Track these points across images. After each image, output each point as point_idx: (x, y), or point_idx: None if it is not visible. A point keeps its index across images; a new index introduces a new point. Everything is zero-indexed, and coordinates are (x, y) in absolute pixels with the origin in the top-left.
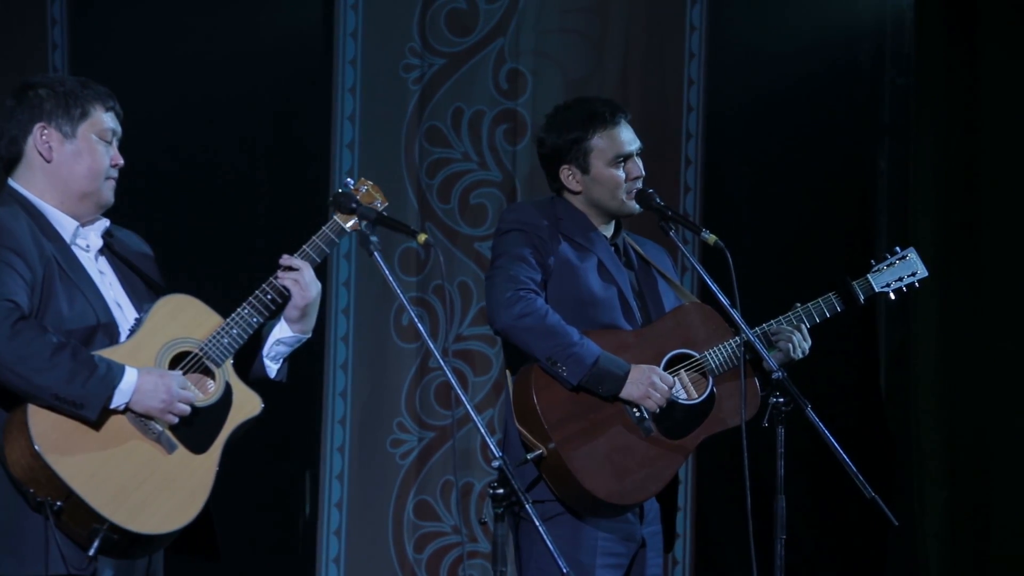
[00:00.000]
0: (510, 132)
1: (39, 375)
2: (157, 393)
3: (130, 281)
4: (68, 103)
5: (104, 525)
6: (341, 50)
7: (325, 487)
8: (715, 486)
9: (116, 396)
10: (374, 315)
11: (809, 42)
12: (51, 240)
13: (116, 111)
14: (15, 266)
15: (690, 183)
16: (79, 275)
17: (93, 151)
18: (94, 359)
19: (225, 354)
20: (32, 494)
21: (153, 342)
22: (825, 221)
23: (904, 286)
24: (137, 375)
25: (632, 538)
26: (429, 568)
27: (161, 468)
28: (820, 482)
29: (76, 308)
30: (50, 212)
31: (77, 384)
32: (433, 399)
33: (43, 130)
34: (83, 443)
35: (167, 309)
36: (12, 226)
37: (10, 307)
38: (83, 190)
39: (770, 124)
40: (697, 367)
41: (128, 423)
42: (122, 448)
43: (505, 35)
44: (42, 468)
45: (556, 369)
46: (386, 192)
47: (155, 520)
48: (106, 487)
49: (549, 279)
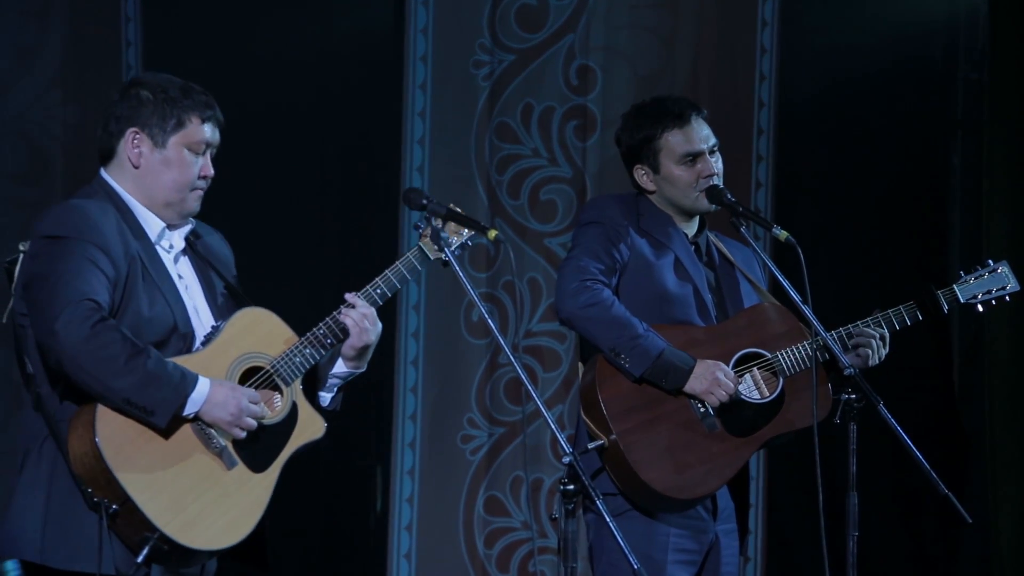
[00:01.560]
0: (580, 128)
1: (114, 378)
2: (227, 406)
3: (210, 286)
4: (165, 112)
5: (155, 535)
6: (412, 47)
7: (396, 483)
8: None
9: (188, 404)
10: (444, 311)
11: (881, 37)
12: (137, 238)
13: (216, 120)
14: (99, 263)
15: (761, 179)
16: (161, 277)
17: (181, 163)
18: (168, 367)
19: (296, 373)
20: (90, 493)
21: (227, 354)
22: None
23: (994, 299)
24: (210, 386)
25: (705, 535)
26: (499, 564)
27: (219, 483)
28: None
29: (155, 310)
30: (138, 209)
31: (151, 391)
32: (503, 395)
33: (135, 135)
34: (146, 450)
35: (244, 322)
36: (100, 222)
37: (91, 307)
38: (167, 199)
39: (842, 120)
40: (768, 367)
41: (193, 435)
42: (184, 460)
43: (575, 31)
44: (103, 471)
45: (619, 360)
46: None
47: (207, 536)
48: (163, 497)
49: (624, 274)
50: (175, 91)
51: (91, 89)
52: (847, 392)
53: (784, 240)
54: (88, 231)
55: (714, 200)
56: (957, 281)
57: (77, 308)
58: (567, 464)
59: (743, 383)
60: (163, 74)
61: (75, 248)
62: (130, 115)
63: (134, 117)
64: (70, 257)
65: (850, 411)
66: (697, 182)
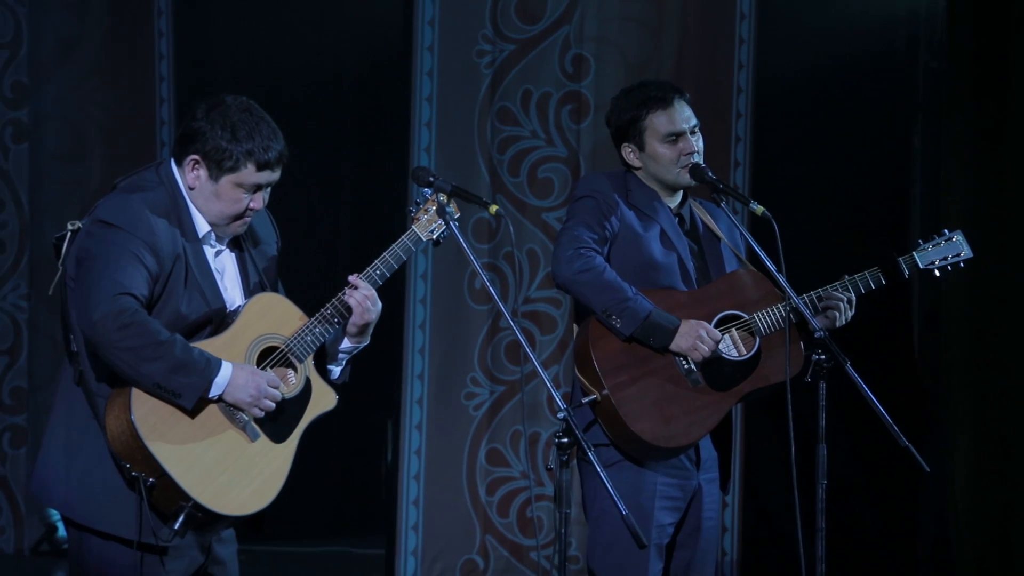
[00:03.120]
0: (575, 112)
1: (144, 365)
2: (247, 388)
3: (246, 277)
4: (224, 153)
5: (190, 503)
6: (419, 37)
7: (405, 436)
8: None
9: (212, 388)
10: (449, 280)
11: (849, 29)
12: (188, 238)
13: (275, 164)
14: (143, 259)
15: (739, 159)
16: (203, 273)
17: (229, 198)
18: (194, 353)
19: (308, 351)
20: (128, 468)
21: (244, 337)
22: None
23: (949, 265)
24: (232, 370)
25: (689, 483)
26: (500, 510)
27: (244, 455)
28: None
29: (192, 305)
30: (192, 210)
31: (178, 377)
32: (503, 356)
33: (196, 163)
34: (177, 428)
35: (259, 307)
36: (153, 221)
37: (131, 300)
38: (211, 221)
39: (813, 105)
40: (745, 327)
41: (218, 412)
42: (211, 435)
43: (570, 23)
44: (140, 448)
45: (611, 321)
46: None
47: (236, 503)
48: (195, 469)
49: (614, 244)
50: (243, 132)
51: (126, 76)
52: (817, 352)
53: (760, 214)
54: (140, 227)
55: (696, 177)
56: (916, 248)
57: (115, 301)
58: (562, 419)
59: (723, 342)
60: (244, 103)
61: (125, 241)
62: (198, 140)
63: (200, 145)
64: (119, 248)
65: (820, 370)
66: (679, 159)
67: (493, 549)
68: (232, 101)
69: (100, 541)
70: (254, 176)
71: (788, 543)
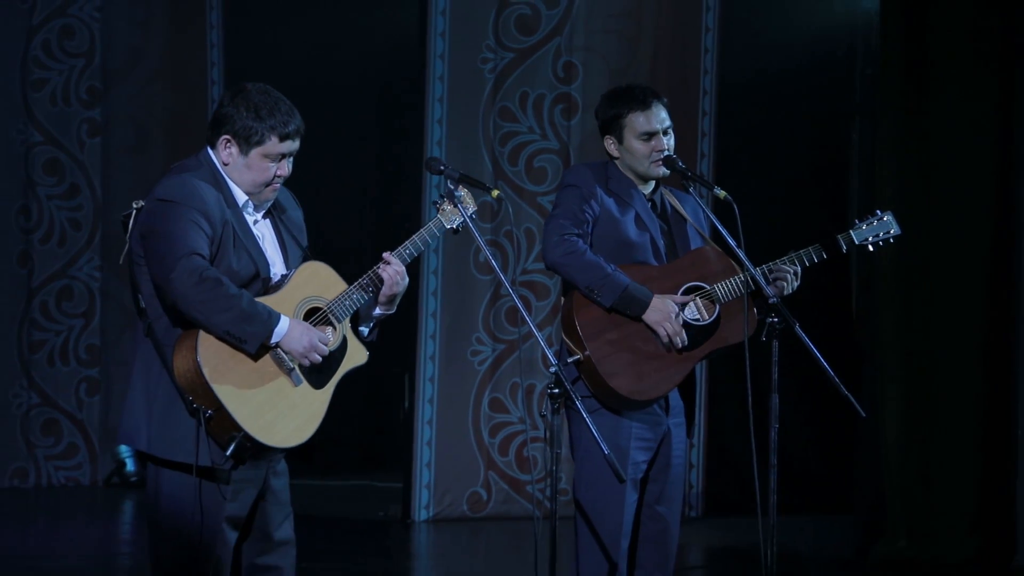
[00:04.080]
0: (565, 111)
1: (217, 315)
2: (302, 340)
3: (283, 241)
4: (251, 129)
5: (241, 434)
6: (432, 47)
7: (420, 387)
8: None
9: (273, 336)
10: (457, 254)
11: (798, 41)
12: (230, 206)
13: (293, 135)
14: (202, 225)
15: (705, 151)
16: (247, 236)
17: (259, 168)
18: (259, 307)
19: (346, 313)
20: (190, 401)
21: (294, 297)
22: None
23: (881, 241)
24: (289, 323)
25: (660, 427)
26: (500, 450)
27: (289, 396)
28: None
29: (242, 263)
30: (231, 184)
31: (245, 325)
32: (503, 319)
33: (227, 142)
34: (235, 370)
35: (307, 273)
36: (203, 193)
37: (200, 259)
38: (246, 191)
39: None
40: (707, 296)
41: (271, 359)
42: (263, 378)
43: (561, 35)
44: (202, 384)
45: (593, 295)
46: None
47: (280, 436)
48: (247, 405)
49: (596, 226)
50: (265, 111)
51: (183, 80)
52: (770, 316)
53: (723, 198)
54: (193, 200)
55: (669, 167)
56: (853, 227)
57: (188, 261)
58: (553, 373)
59: (688, 308)
60: (263, 87)
61: (183, 212)
62: (227, 123)
63: (229, 126)
64: (179, 219)
65: (772, 331)
66: (650, 155)
67: (494, 483)
68: (252, 87)
69: (174, 473)
70: (278, 147)
71: (744, 477)
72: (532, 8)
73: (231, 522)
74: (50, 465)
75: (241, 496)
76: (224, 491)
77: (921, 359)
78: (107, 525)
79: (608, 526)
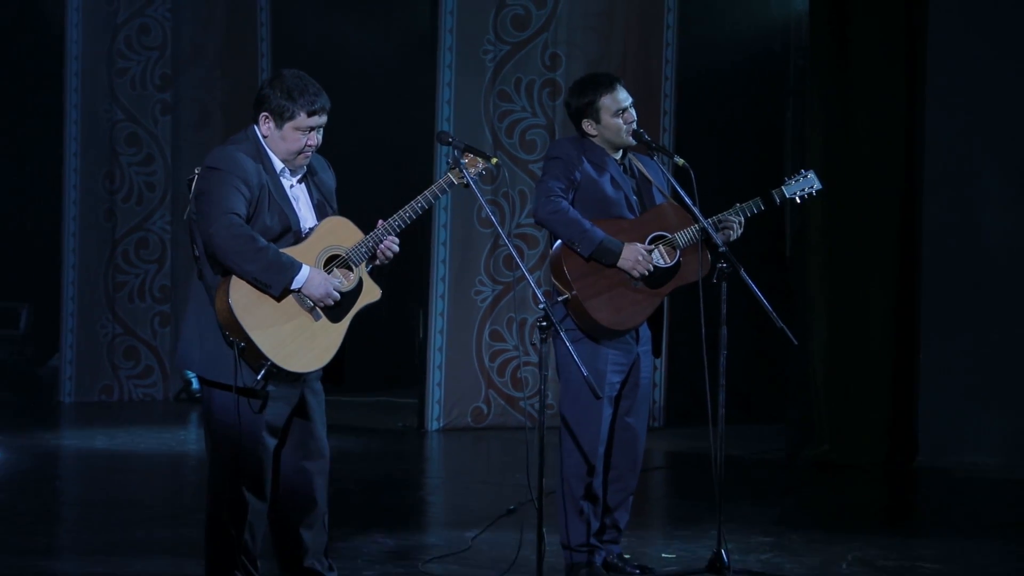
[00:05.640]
0: (551, 93)
1: (248, 263)
2: (320, 287)
3: (315, 201)
4: (284, 107)
5: (268, 362)
6: (442, 41)
7: (432, 320)
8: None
9: (294, 283)
10: (463, 211)
11: (743, 36)
12: (268, 172)
13: (320, 111)
14: (241, 189)
15: (666, 126)
16: (281, 197)
17: (292, 139)
18: (283, 257)
19: (362, 258)
20: (227, 335)
21: (317, 246)
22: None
23: (806, 194)
24: (309, 272)
25: (631, 353)
26: (498, 372)
27: (309, 330)
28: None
29: (274, 220)
30: (270, 154)
31: (271, 273)
32: (501, 264)
33: (266, 118)
34: (263, 308)
35: (329, 226)
36: (244, 162)
37: (234, 217)
38: (282, 159)
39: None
40: (669, 243)
41: (293, 299)
42: (286, 315)
43: (548, 31)
44: (234, 321)
45: (574, 247)
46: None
47: (300, 363)
48: (272, 338)
49: (579, 189)
50: (296, 92)
51: (237, 69)
52: (720, 261)
53: (681, 165)
54: (236, 168)
55: (637, 139)
56: (784, 184)
57: (226, 219)
58: (542, 309)
59: (654, 254)
60: (296, 72)
61: (226, 178)
62: (266, 102)
63: (267, 105)
64: (223, 183)
65: (722, 274)
66: (625, 127)
67: (493, 400)
68: (287, 72)
69: (220, 392)
70: (307, 121)
71: (698, 394)
72: (524, 9)
73: (270, 431)
74: (130, 383)
75: (276, 409)
76: (256, 405)
77: (842, 296)
78: (176, 431)
79: (587, 435)
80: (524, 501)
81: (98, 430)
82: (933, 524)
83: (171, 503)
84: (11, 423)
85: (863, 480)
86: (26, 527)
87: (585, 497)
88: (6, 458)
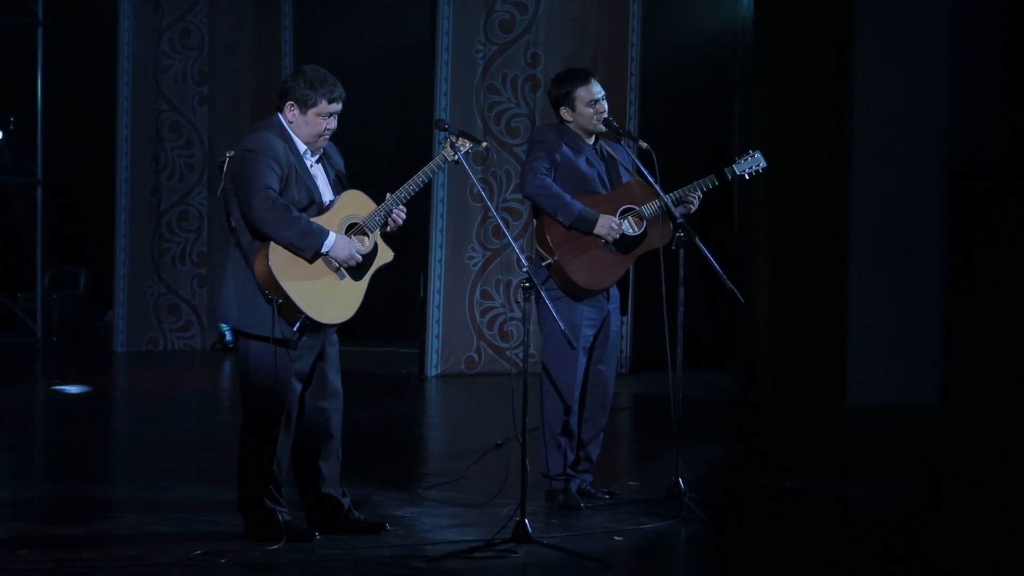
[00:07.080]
0: (532, 87)
1: (284, 231)
2: (345, 250)
3: (331, 179)
4: (307, 96)
5: (303, 315)
6: (440, 41)
7: (431, 281)
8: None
9: (323, 247)
10: (457, 188)
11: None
12: (293, 154)
13: (337, 99)
14: (273, 167)
15: (632, 115)
16: (306, 175)
17: (313, 123)
18: (314, 226)
19: (376, 225)
20: (266, 293)
21: (337, 216)
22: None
23: (754, 171)
24: (335, 238)
25: (602, 310)
26: (487, 326)
27: (336, 287)
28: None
29: (301, 194)
30: (295, 138)
31: (304, 239)
32: (490, 233)
33: (291, 107)
34: (297, 270)
35: (347, 198)
36: (275, 144)
37: (270, 192)
38: (305, 142)
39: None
40: (637, 215)
41: (322, 262)
42: (317, 275)
43: (530, 32)
44: (273, 281)
45: (557, 217)
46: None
47: (331, 315)
48: (306, 295)
49: (559, 169)
50: (317, 83)
51: (264, 66)
52: (679, 231)
53: (645, 148)
54: (269, 149)
55: (607, 126)
56: (734, 162)
57: (264, 193)
58: (525, 272)
59: (624, 224)
60: (314, 67)
61: (260, 158)
62: (291, 92)
63: (292, 95)
64: (258, 163)
65: (680, 242)
66: (597, 115)
67: (484, 350)
68: (307, 67)
69: (255, 343)
70: (327, 108)
71: (659, 345)
72: (510, 14)
73: (297, 376)
74: (173, 336)
75: (304, 358)
76: (292, 355)
77: (783, 262)
78: (213, 377)
79: (564, 381)
80: (510, 437)
81: (146, 376)
82: (859, 456)
83: (207, 437)
84: (73, 369)
85: (799, 418)
86: (84, 457)
87: (562, 433)
88: (91, 390)
